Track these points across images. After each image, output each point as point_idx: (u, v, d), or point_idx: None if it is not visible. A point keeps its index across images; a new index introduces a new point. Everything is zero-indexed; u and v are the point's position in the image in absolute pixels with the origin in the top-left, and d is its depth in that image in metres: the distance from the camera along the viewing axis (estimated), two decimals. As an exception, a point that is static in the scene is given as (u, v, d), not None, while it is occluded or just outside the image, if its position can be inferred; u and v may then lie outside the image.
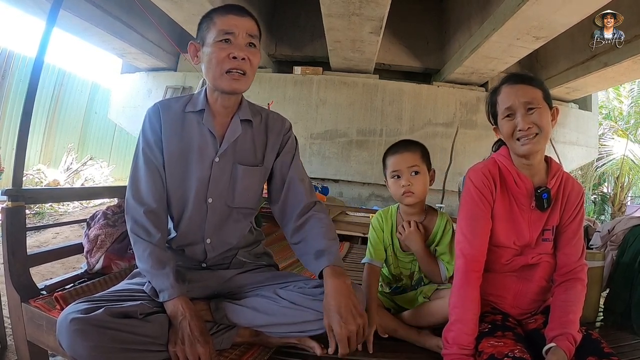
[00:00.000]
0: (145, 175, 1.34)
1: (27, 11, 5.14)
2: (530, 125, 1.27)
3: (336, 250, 1.34)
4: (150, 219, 1.30)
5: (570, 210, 1.38)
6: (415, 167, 1.58)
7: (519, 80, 1.34)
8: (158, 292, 1.22)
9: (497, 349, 1.17)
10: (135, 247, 1.30)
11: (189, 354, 1.13)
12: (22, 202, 1.55)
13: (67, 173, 7.28)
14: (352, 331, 1.17)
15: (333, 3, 4.45)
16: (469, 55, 5.65)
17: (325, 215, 1.44)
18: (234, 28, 1.30)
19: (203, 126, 1.38)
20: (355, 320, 1.19)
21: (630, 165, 8.95)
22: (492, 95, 1.40)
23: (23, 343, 1.44)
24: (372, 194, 7.09)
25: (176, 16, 5.22)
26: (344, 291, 1.22)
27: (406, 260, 1.66)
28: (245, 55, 1.30)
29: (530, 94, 1.30)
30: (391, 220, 1.69)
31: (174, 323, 1.18)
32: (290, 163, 1.47)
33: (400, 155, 1.61)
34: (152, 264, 1.24)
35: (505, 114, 1.31)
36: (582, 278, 1.35)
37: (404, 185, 1.57)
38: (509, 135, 1.31)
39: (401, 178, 1.58)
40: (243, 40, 1.31)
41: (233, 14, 1.32)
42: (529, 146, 1.28)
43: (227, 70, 1.30)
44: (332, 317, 1.19)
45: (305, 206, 1.43)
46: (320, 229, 1.38)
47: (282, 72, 7.24)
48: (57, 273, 3.03)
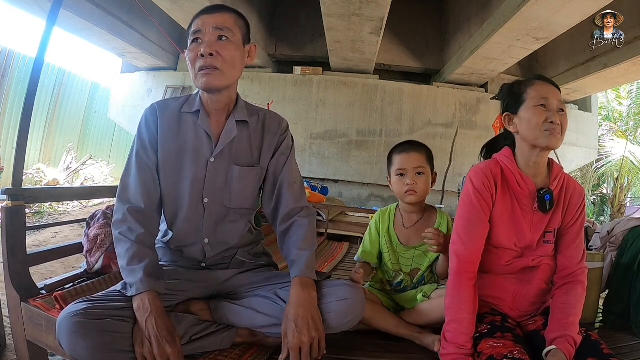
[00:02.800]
0: (135, 176, 1.33)
1: (28, 10, 5.13)
2: (559, 123, 1.30)
3: (307, 260, 1.32)
4: (134, 217, 1.28)
5: (572, 212, 1.38)
6: (421, 168, 1.64)
7: (552, 82, 1.39)
8: (128, 287, 1.19)
9: (497, 350, 1.17)
10: (117, 246, 1.28)
11: (158, 355, 1.09)
12: (21, 202, 1.55)
13: (67, 172, 7.27)
14: (304, 342, 1.18)
15: (333, 3, 4.45)
16: (469, 56, 5.66)
17: (307, 221, 1.42)
18: (201, 27, 1.31)
19: (199, 127, 1.38)
20: (310, 333, 1.19)
21: (629, 166, 8.96)
22: (519, 85, 1.41)
23: (22, 342, 1.44)
24: (372, 195, 7.09)
25: (176, 16, 5.22)
26: (305, 303, 1.22)
27: (407, 255, 1.67)
28: (213, 50, 1.28)
29: (560, 97, 1.35)
30: (389, 217, 1.73)
31: (139, 320, 1.13)
32: (283, 165, 1.46)
33: (407, 154, 1.65)
34: (128, 260, 1.22)
35: (540, 102, 1.32)
36: (582, 281, 1.35)
37: (407, 184, 1.62)
38: (538, 124, 1.31)
39: (405, 177, 1.63)
40: (211, 36, 1.30)
41: (203, 14, 1.33)
42: (554, 139, 1.30)
43: (199, 69, 1.30)
44: (287, 325, 1.20)
45: (290, 211, 1.43)
46: (297, 236, 1.38)
47: (282, 72, 7.24)
48: (57, 272, 3.03)
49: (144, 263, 1.21)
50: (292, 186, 1.45)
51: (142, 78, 7.68)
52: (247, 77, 6.87)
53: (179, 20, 5.32)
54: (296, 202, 1.44)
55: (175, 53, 7.43)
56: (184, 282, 1.37)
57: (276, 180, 1.46)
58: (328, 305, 1.27)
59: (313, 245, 1.39)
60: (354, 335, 1.49)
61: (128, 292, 1.18)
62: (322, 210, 4.01)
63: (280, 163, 1.46)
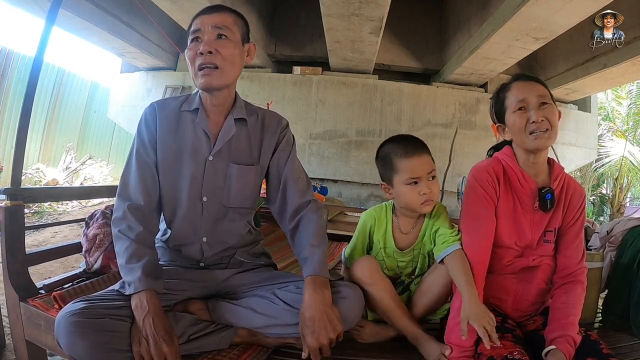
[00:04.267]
0: (135, 174, 1.34)
1: (27, 10, 5.12)
2: (542, 119, 1.28)
3: (319, 258, 1.31)
4: (134, 214, 1.28)
5: (572, 212, 1.38)
6: (433, 172, 1.44)
7: (529, 78, 1.37)
8: (127, 286, 1.19)
9: (497, 350, 1.16)
10: (116, 244, 1.28)
11: (155, 354, 1.09)
12: (21, 201, 1.55)
13: (66, 172, 7.26)
14: (323, 344, 1.18)
15: (333, 3, 4.45)
16: (468, 56, 5.65)
17: (316, 215, 1.42)
18: (200, 26, 1.32)
19: (197, 125, 1.38)
20: (328, 333, 1.19)
21: (629, 166, 8.96)
22: (500, 92, 1.41)
23: (21, 342, 1.44)
24: (371, 194, 7.08)
25: (176, 16, 5.21)
26: (318, 304, 1.21)
27: (405, 259, 1.58)
28: (212, 48, 1.29)
29: (542, 90, 1.32)
30: (386, 219, 1.57)
31: (136, 319, 1.13)
32: (285, 161, 1.46)
33: (418, 159, 1.43)
34: (127, 259, 1.22)
35: (518, 106, 1.32)
36: (582, 280, 1.35)
37: (424, 194, 1.41)
38: (520, 129, 1.31)
39: (419, 184, 1.41)
40: (210, 34, 1.31)
41: (203, 14, 1.35)
42: (541, 141, 1.29)
43: (198, 68, 1.31)
44: (305, 328, 1.20)
45: (298, 206, 1.42)
46: (307, 232, 1.38)
47: (281, 72, 7.23)
48: (56, 272, 3.02)
49: (143, 262, 1.21)
50: (297, 180, 1.45)
51: (141, 78, 7.67)
52: (247, 77, 6.86)
53: (178, 20, 5.32)
54: (302, 197, 1.43)
55: (174, 53, 7.42)
56: (182, 281, 1.37)
57: (280, 177, 1.45)
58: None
59: (324, 241, 1.38)
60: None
61: (126, 291, 1.18)
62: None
63: (282, 160, 1.46)
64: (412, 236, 1.56)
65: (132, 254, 1.22)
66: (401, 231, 1.56)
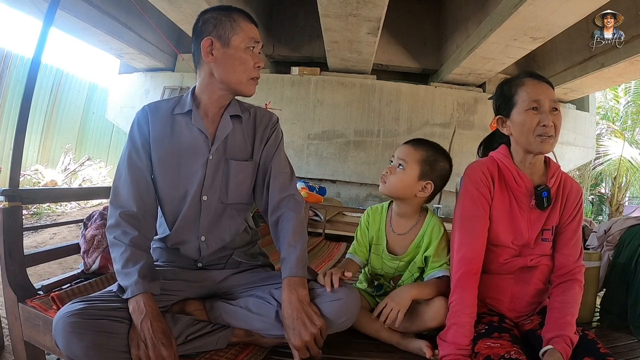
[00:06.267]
0: (127, 179, 1.33)
1: (25, 11, 5.11)
2: (552, 124, 1.28)
3: (295, 258, 1.31)
4: (128, 221, 1.28)
5: (569, 210, 1.38)
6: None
7: (543, 79, 1.36)
8: (124, 290, 1.19)
9: (494, 350, 1.17)
10: (112, 250, 1.28)
11: (153, 358, 1.09)
12: (19, 202, 1.55)
13: (65, 173, 7.25)
14: (306, 340, 1.19)
15: (330, 4, 4.44)
16: (466, 56, 5.65)
17: (294, 213, 1.41)
18: (257, 37, 1.37)
19: (193, 126, 1.38)
20: (309, 330, 1.20)
21: (627, 165, 8.97)
22: (511, 85, 1.39)
23: (20, 343, 1.44)
24: (370, 195, 7.08)
25: (174, 17, 5.20)
26: (294, 303, 1.23)
27: (392, 264, 1.60)
28: (261, 64, 1.38)
29: (554, 95, 1.32)
30: (380, 216, 1.64)
31: (134, 322, 1.13)
32: (272, 156, 1.47)
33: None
34: (123, 264, 1.22)
35: (532, 106, 1.30)
36: (579, 279, 1.35)
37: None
38: (530, 129, 1.30)
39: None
40: (258, 49, 1.38)
41: (253, 23, 1.39)
42: (547, 145, 1.29)
43: (252, 77, 1.36)
44: (287, 329, 1.22)
45: (278, 202, 1.43)
46: (285, 232, 1.38)
47: (279, 73, 7.23)
48: (55, 273, 3.02)
49: (139, 265, 1.21)
50: (278, 175, 1.45)
51: (139, 79, 7.66)
52: (246, 77, 6.84)
53: (176, 21, 5.31)
54: (282, 192, 1.43)
55: (172, 54, 7.40)
56: (179, 282, 1.38)
57: (266, 171, 1.46)
58: (321, 305, 1.28)
59: (303, 237, 1.38)
60: (349, 335, 1.48)
61: (123, 296, 1.18)
62: (320, 211, 4.01)
63: (270, 154, 1.47)
64: (404, 241, 1.58)
65: (128, 259, 1.23)
66: (393, 230, 1.59)
